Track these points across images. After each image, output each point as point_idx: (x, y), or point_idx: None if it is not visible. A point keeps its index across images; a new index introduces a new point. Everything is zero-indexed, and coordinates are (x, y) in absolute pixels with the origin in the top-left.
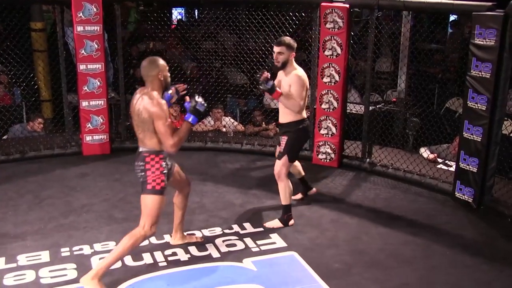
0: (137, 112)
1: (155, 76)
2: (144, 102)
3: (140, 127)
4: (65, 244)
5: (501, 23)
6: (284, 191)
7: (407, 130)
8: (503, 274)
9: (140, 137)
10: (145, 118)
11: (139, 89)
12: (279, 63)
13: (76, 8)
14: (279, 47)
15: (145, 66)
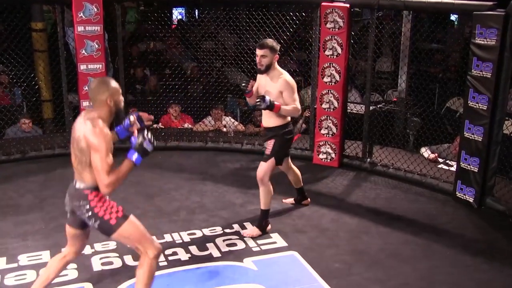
0: (76, 139)
1: (103, 101)
2: (86, 129)
3: (78, 157)
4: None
5: (502, 22)
6: (266, 195)
7: (407, 130)
8: (503, 274)
9: (77, 169)
10: (83, 148)
11: (85, 111)
12: (263, 66)
13: (76, 8)
14: (262, 50)
15: (93, 88)
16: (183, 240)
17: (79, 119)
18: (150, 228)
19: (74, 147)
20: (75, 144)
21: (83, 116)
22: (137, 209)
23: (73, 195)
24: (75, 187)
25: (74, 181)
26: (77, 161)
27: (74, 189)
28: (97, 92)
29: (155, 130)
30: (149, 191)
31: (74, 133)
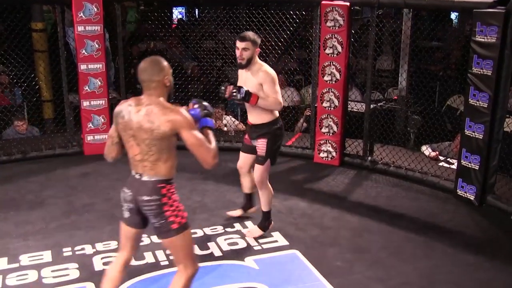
0: (147, 129)
1: (160, 82)
2: (158, 113)
3: (148, 148)
4: (67, 244)
5: (503, 20)
6: (267, 197)
7: (408, 128)
8: (505, 272)
9: (150, 162)
10: (165, 133)
11: (131, 100)
12: (244, 60)
13: (76, 8)
14: (243, 43)
15: (147, 68)
16: None
17: (126, 109)
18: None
19: (144, 139)
20: (144, 136)
21: (134, 105)
22: None
23: (140, 189)
24: (142, 181)
25: (138, 175)
26: (145, 153)
27: (141, 182)
28: (152, 73)
29: None
30: None
31: (131, 125)
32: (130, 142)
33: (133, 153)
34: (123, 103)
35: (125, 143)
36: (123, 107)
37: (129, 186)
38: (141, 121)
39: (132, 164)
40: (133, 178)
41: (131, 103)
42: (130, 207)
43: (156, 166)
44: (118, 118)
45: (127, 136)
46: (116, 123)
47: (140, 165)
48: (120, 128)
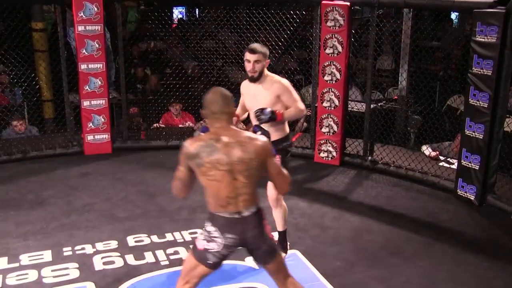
0: (247, 160)
1: (230, 114)
2: (250, 142)
3: (251, 178)
4: (67, 244)
5: (503, 20)
6: (284, 215)
7: (408, 128)
8: (505, 271)
9: (248, 194)
10: (260, 161)
11: (203, 138)
12: (256, 73)
13: (77, 8)
14: (255, 55)
15: (218, 100)
16: (185, 239)
17: (209, 146)
18: (152, 227)
19: (242, 172)
20: (240, 167)
21: (215, 140)
22: (139, 208)
23: (246, 227)
24: (245, 217)
25: (237, 213)
26: (243, 186)
27: (244, 220)
28: (223, 105)
29: (156, 129)
30: (151, 190)
31: (223, 160)
32: (224, 180)
33: (228, 190)
34: (192, 143)
35: (211, 183)
36: (200, 148)
37: (228, 230)
38: (238, 153)
39: (221, 205)
40: (231, 220)
41: (209, 140)
42: (226, 253)
43: (253, 196)
44: (197, 159)
45: (218, 174)
46: (197, 164)
47: (236, 202)
48: (206, 168)
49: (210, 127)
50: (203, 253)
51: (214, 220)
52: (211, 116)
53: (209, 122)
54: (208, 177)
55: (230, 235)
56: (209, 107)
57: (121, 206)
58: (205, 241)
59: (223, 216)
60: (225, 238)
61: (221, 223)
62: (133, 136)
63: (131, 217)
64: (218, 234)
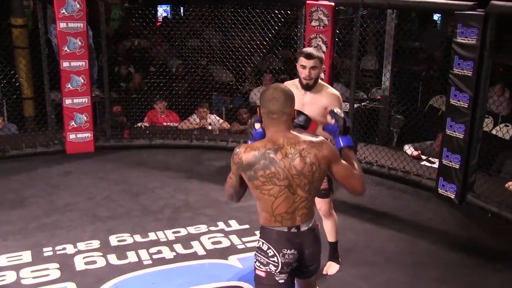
0: (308, 172)
1: (290, 115)
2: (311, 151)
3: (312, 191)
4: (48, 244)
5: (482, 22)
6: (336, 226)
7: (391, 128)
8: (484, 268)
9: (307, 208)
10: (325, 171)
11: (259, 145)
12: (312, 80)
13: (58, 5)
14: (311, 61)
15: (279, 98)
16: (168, 239)
17: (266, 156)
18: (135, 226)
19: (295, 186)
20: (301, 181)
21: (273, 150)
22: (122, 208)
23: (305, 243)
24: (303, 232)
25: (295, 228)
26: (302, 200)
27: (302, 235)
28: (284, 105)
29: (140, 128)
30: (134, 189)
31: (282, 174)
32: (281, 195)
33: (285, 206)
34: (246, 152)
35: (265, 197)
36: (254, 158)
37: (286, 245)
38: (298, 165)
39: (277, 220)
40: (289, 235)
41: (265, 149)
42: (288, 270)
43: (311, 210)
44: (250, 171)
45: (275, 189)
46: (250, 177)
47: (293, 216)
48: (260, 182)
49: (266, 128)
50: (269, 280)
51: (267, 236)
52: (268, 116)
53: (264, 123)
54: (262, 191)
55: (289, 250)
56: (267, 105)
57: (104, 205)
58: (263, 265)
59: (280, 230)
60: (283, 255)
61: (277, 239)
62: (116, 134)
63: (114, 216)
64: (273, 252)
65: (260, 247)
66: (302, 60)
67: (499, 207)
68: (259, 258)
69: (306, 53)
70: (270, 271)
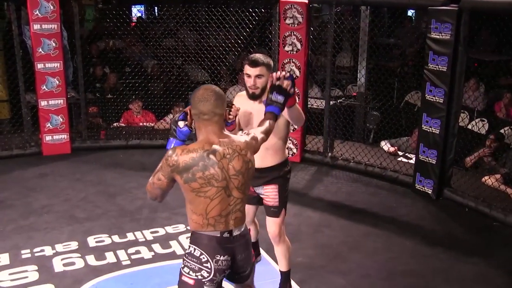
0: (245, 171)
1: (222, 116)
2: (245, 148)
3: (245, 190)
4: (25, 246)
5: (456, 17)
6: (288, 252)
7: (367, 124)
8: (459, 262)
9: (241, 210)
10: (253, 167)
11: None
12: (258, 89)
13: (31, 6)
14: (257, 68)
15: (209, 99)
16: (146, 239)
17: (204, 158)
18: (112, 227)
19: (233, 186)
20: (238, 181)
21: (210, 151)
22: (99, 209)
23: (238, 248)
24: (236, 237)
25: (227, 233)
26: (238, 201)
27: (235, 240)
28: (215, 105)
29: (116, 128)
30: (110, 190)
31: (220, 175)
32: (216, 197)
33: (220, 208)
34: (181, 154)
35: (200, 199)
36: (192, 161)
37: (218, 251)
38: (236, 165)
39: (209, 224)
40: (220, 240)
41: (201, 152)
42: (220, 278)
43: (244, 214)
44: (187, 174)
45: (212, 191)
46: (187, 180)
47: (227, 220)
48: (197, 184)
49: (198, 130)
50: (197, 287)
51: (199, 242)
52: (200, 117)
53: (196, 124)
54: (198, 193)
55: (222, 256)
56: (198, 106)
57: (81, 206)
58: (193, 272)
59: (213, 235)
60: (216, 261)
61: (209, 244)
62: (93, 135)
63: (91, 217)
64: (207, 258)
65: (192, 253)
66: (247, 68)
67: (476, 201)
68: (188, 264)
69: (251, 60)
70: (200, 279)
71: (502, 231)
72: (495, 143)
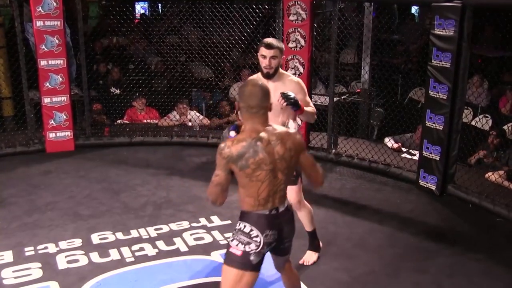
0: (288, 157)
1: (267, 108)
2: (288, 138)
3: (289, 175)
4: (29, 243)
5: (459, 13)
6: (310, 215)
7: (371, 121)
8: (464, 257)
9: (283, 190)
10: (297, 157)
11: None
12: (272, 69)
13: (35, 3)
14: (271, 50)
15: (257, 94)
16: (150, 236)
17: (252, 146)
18: (116, 224)
19: (278, 170)
20: (282, 165)
21: (257, 139)
22: (103, 206)
23: (282, 222)
24: (281, 213)
25: (275, 210)
26: (282, 183)
27: (281, 215)
28: (263, 100)
29: (120, 125)
30: (115, 187)
31: (267, 159)
32: (266, 179)
33: (268, 188)
34: (233, 145)
35: (253, 183)
36: (243, 149)
37: (268, 227)
38: (280, 151)
39: (260, 204)
40: (269, 217)
41: (250, 140)
42: (265, 251)
43: (285, 192)
44: (241, 161)
45: (262, 174)
46: (242, 167)
47: (274, 199)
48: (251, 170)
49: (245, 122)
50: (243, 258)
51: (250, 219)
52: (248, 110)
53: (244, 117)
54: (251, 178)
55: (271, 231)
56: (247, 100)
57: (85, 203)
58: (242, 244)
59: (263, 213)
60: (265, 235)
61: (260, 221)
62: (96, 133)
63: (95, 214)
64: (257, 233)
65: (242, 229)
66: (263, 50)
67: (480, 197)
68: (238, 238)
69: (266, 43)
70: (248, 251)
71: (505, 226)
72: (497, 140)
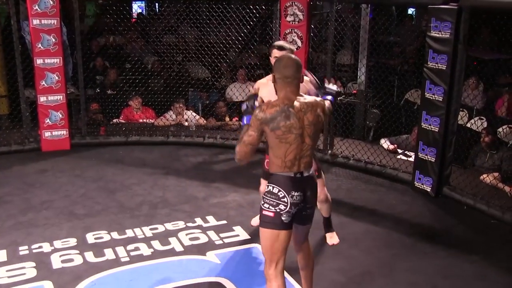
0: (317, 122)
1: (299, 79)
2: (316, 104)
3: (316, 140)
4: (24, 242)
5: (455, 16)
6: (330, 206)
7: (367, 122)
8: (459, 259)
9: (309, 156)
10: (322, 122)
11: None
12: None
13: (31, 1)
14: (283, 51)
15: (293, 66)
16: (146, 235)
17: (284, 111)
18: (112, 224)
19: (306, 134)
20: (311, 129)
21: (289, 105)
22: (99, 205)
23: (308, 186)
24: (306, 177)
25: (299, 174)
26: (309, 148)
27: (306, 179)
28: (297, 71)
29: (116, 124)
30: (110, 186)
31: (298, 124)
32: (294, 142)
33: (296, 152)
34: (267, 109)
35: (282, 144)
36: (276, 113)
37: (294, 188)
38: (310, 117)
39: (286, 166)
40: (294, 179)
41: (283, 106)
42: (294, 211)
43: (311, 159)
44: (273, 123)
45: (291, 137)
46: (273, 128)
47: (299, 163)
48: (281, 132)
49: (279, 91)
50: (275, 218)
51: (277, 181)
52: (283, 80)
53: (279, 86)
54: (280, 139)
55: (296, 192)
56: (283, 71)
57: (80, 203)
58: (272, 206)
59: (288, 175)
60: (292, 196)
61: (287, 183)
62: (92, 132)
63: (91, 213)
64: (284, 194)
65: (271, 190)
66: (275, 52)
67: (474, 199)
68: (268, 200)
69: (278, 46)
70: (279, 211)
71: (499, 228)
72: (488, 137)
